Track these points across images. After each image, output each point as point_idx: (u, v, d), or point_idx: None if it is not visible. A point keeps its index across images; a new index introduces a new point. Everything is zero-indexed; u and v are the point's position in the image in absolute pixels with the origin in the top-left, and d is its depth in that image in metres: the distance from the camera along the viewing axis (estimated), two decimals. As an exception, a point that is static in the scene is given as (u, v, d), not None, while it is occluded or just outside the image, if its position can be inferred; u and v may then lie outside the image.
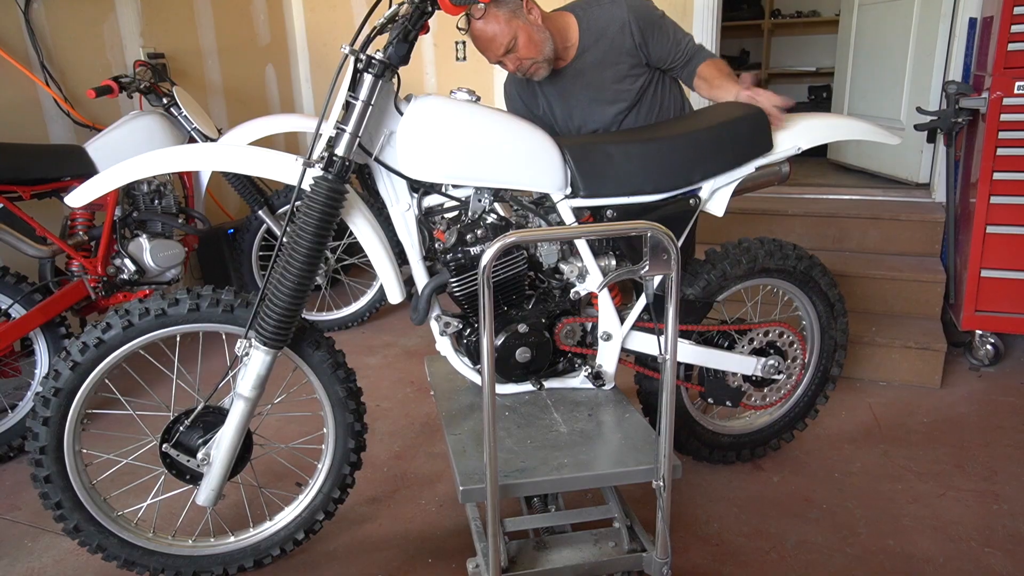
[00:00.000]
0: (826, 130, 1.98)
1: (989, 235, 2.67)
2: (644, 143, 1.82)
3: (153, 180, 2.78)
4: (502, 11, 1.94)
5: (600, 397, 1.85)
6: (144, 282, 2.77)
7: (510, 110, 2.27)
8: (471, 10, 1.92)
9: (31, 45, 2.95)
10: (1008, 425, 2.44)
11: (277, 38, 4.40)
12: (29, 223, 2.47)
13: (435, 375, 2.00)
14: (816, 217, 3.32)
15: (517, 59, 2.02)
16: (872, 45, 3.89)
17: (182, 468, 1.68)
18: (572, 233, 1.52)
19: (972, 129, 2.85)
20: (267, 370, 1.62)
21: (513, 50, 1.99)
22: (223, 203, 3.93)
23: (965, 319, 2.78)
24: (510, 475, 1.50)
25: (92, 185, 1.55)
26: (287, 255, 1.54)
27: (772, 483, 2.15)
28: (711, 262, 1.98)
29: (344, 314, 3.46)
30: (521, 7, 1.97)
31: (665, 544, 1.52)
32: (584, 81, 2.16)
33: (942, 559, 1.81)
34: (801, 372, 2.12)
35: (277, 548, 1.82)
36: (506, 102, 2.33)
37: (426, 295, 1.73)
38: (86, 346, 1.58)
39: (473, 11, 1.92)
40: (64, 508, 1.64)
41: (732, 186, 1.94)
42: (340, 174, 1.53)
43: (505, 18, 1.94)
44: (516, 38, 1.97)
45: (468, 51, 4.28)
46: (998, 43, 2.54)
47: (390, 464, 2.30)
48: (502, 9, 1.94)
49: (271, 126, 2.86)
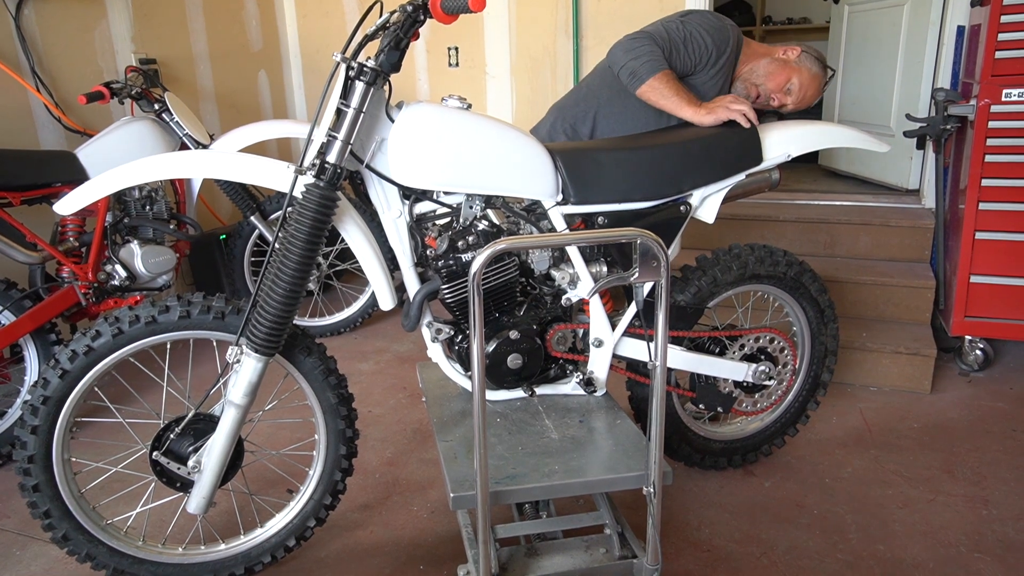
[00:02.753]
0: (816, 137, 2.00)
1: (978, 241, 2.69)
2: (635, 151, 1.83)
3: (144, 186, 2.78)
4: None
5: (591, 403, 1.85)
6: (135, 288, 2.76)
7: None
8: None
9: (22, 51, 2.94)
10: (997, 430, 2.46)
11: (269, 44, 4.40)
12: (19, 229, 2.46)
13: (427, 381, 2.00)
14: (807, 223, 3.34)
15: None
16: (862, 52, 3.92)
17: (173, 476, 1.67)
18: (562, 240, 1.52)
19: (961, 136, 2.87)
20: (258, 377, 1.62)
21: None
22: (215, 209, 3.92)
23: (955, 324, 2.80)
24: (501, 482, 1.50)
25: (83, 191, 1.54)
26: (279, 262, 1.54)
27: (763, 489, 2.15)
28: (702, 268, 1.99)
29: (336, 320, 3.46)
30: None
31: (656, 550, 1.52)
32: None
33: (932, 564, 1.82)
34: (792, 378, 2.13)
35: (268, 555, 1.81)
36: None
37: (418, 301, 1.73)
38: (75, 354, 1.57)
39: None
40: (53, 517, 1.63)
41: (722, 193, 1.95)
42: (332, 181, 1.53)
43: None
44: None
45: (460, 57, 4.29)
46: (986, 51, 2.57)
47: (382, 470, 2.30)
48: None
49: (263, 132, 2.86)
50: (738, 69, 2.19)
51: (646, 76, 1.98)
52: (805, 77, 2.12)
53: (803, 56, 2.13)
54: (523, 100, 4.25)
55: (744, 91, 2.19)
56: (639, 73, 1.98)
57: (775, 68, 2.13)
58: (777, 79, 2.13)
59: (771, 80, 2.13)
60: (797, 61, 2.12)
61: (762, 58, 2.16)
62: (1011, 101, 2.55)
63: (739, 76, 2.19)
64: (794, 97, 2.14)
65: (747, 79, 2.17)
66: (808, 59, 2.13)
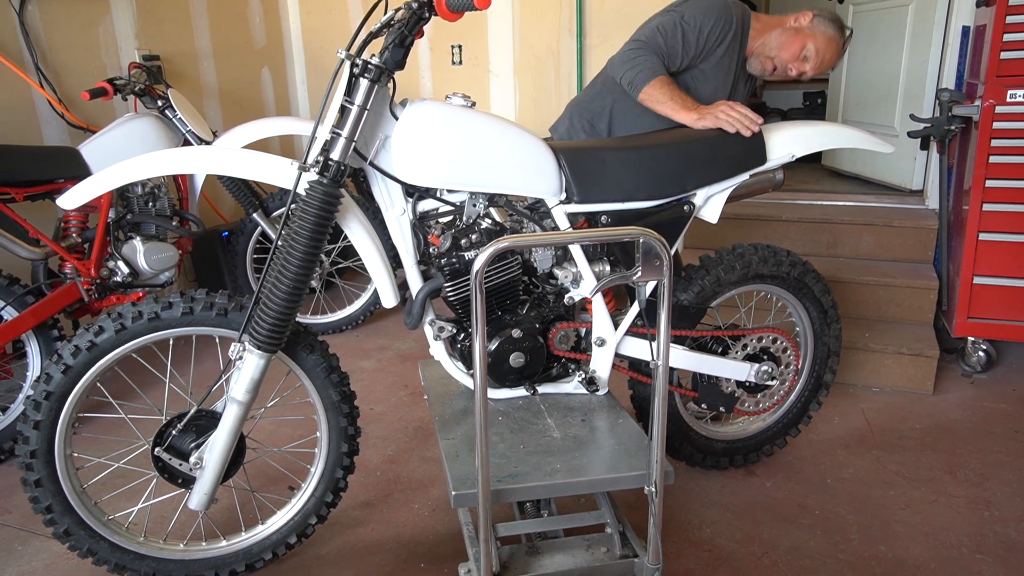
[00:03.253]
0: (820, 137, 1.99)
1: (982, 242, 2.68)
2: (639, 150, 1.82)
3: (147, 182, 2.78)
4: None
5: (593, 402, 1.85)
6: (138, 285, 2.77)
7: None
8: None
9: (25, 46, 2.95)
10: (1000, 431, 2.45)
11: (273, 41, 4.39)
12: (22, 225, 2.46)
13: (429, 379, 2.00)
14: (810, 223, 3.33)
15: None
16: (866, 52, 3.91)
17: (174, 472, 1.67)
18: (564, 239, 1.52)
19: (965, 137, 2.86)
20: (261, 374, 1.62)
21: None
22: (218, 206, 3.92)
23: (958, 326, 2.79)
24: (503, 480, 1.50)
25: (85, 187, 1.54)
26: (282, 259, 1.54)
27: (765, 489, 2.15)
28: (705, 268, 1.99)
29: (339, 317, 3.46)
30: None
31: (657, 550, 1.52)
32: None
33: (934, 565, 1.82)
34: (794, 378, 2.12)
35: (269, 552, 1.81)
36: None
37: (420, 299, 1.73)
38: (78, 350, 1.57)
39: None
40: (55, 512, 1.64)
41: (726, 193, 1.94)
42: (335, 178, 1.53)
43: None
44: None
45: (464, 55, 4.29)
46: (991, 51, 2.56)
47: (383, 468, 2.30)
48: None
49: (266, 129, 2.86)
50: (750, 45, 2.15)
51: (641, 85, 2.00)
52: (820, 41, 2.07)
53: (816, 20, 2.08)
54: (527, 99, 4.24)
55: (760, 66, 2.15)
56: (635, 83, 2.02)
57: (787, 37, 2.09)
58: (791, 48, 2.08)
59: (785, 50, 2.09)
60: (810, 27, 2.08)
61: (773, 29, 2.12)
62: (1016, 102, 2.54)
63: (752, 52, 2.16)
64: (812, 63, 2.09)
65: (760, 53, 2.14)
66: (822, 22, 2.08)
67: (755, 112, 1.93)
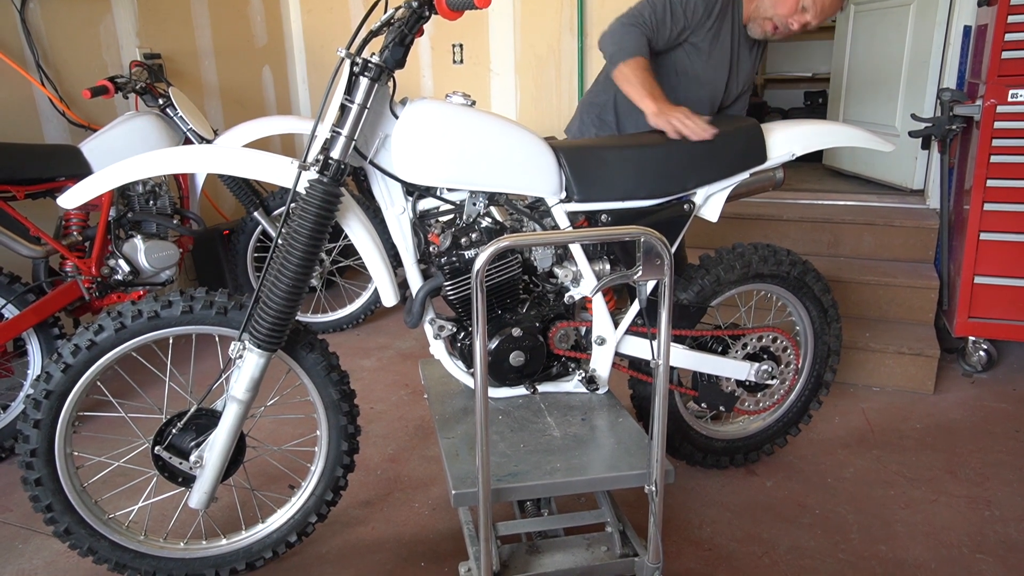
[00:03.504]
0: (821, 136, 1.99)
1: (982, 242, 2.68)
2: (639, 149, 1.82)
3: (148, 181, 2.78)
4: None
5: (593, 401, 1.85)
6: (138, 283, 2.77)
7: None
8: None
9: (27, 45, 2.95)
10: (1000, 431, 2.45)
11: (274, 39, 4.40)
12: (23, 223, 2.46)
13: (429, 378, 2.00)
14: (810, 222, 3.33)
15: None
16: (867, 52, 3.90)
17: (174, 470, 1.67)
18: (565, 238, 1.52)
19: (966, 136, 2.86)
20: (261, 372, 1.62)
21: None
22: (218, 204, 3.93)
23: (958, 325, 2.79)
24: (503, 479, 1.50)
25: (86, 186, 1.54)
26: (282, 257, 1.54)
27: (765, 488, 2.15)
28: (705, 267, 1.99)
29: (339, 316, 3.46)
30: None
31: (657, 549, 1.52)
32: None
33: (934, 565, 1.82)
34: (795, 377, 2.12)
35: (269, 551, 1.81)
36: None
37: (420, 298, 1.73)
38: (78, 348, 1.57)
39: None
40: (55, 511, 1.64)
41: (726, 192, 1.94)
42: (335, 177, 1.53)
43: None
44: None
45: (465, 54, 4.28)
46: (992, 51, 2.56)
47: (383, 467, 2.30)
48: None
49: (267, 128, 2.86)
50: (745, 12, 2.11)
51: (618, 61, 1.99)
52: None
53: None
54: (527, 98, 4.24)
55: (760, 29, 2.11)
56: (614, 58, 2.00)
57: None
58: (787, 3, 2.03)
59: (781, 6, 2.04)
60: None
61: None
62: (1017, 102, 2.54)
63: (749, 18, 2.12)
64: (812, 12, 2.02)
65: (757, 16, 2.10)
66: None
67: (753, 114, 1.92)
